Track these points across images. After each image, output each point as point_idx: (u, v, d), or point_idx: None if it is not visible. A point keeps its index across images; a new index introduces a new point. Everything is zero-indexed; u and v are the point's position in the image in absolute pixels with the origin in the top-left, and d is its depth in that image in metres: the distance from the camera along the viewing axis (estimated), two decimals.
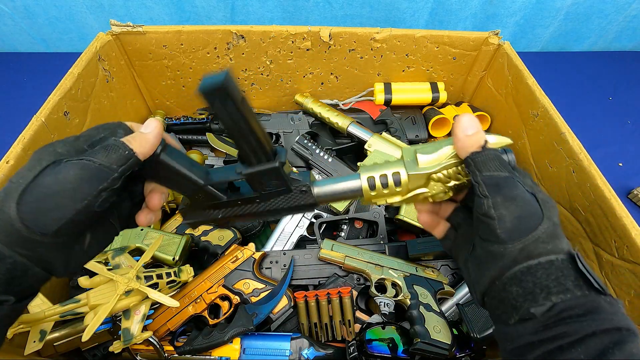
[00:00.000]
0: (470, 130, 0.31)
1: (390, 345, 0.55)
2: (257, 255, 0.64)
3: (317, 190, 0.34)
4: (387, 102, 0.83)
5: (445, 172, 0.33)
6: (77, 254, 0.29)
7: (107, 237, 0.32)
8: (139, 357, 0.55)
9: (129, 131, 0.31)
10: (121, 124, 0.31)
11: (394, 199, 0.34)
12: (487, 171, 0.30)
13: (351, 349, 0.55)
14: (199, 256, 0.68)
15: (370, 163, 0.72)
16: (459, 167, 0.33)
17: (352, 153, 0.84)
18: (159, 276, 0.56)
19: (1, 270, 0.25)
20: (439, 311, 0.57)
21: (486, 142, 0.32)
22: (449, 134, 0.84)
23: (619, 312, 0.26)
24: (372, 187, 0.33)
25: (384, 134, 0.77)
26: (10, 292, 0.26)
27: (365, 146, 0.75)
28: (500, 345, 0.30)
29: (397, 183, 0.33)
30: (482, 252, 0.31)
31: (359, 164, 0.72)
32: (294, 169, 0.76)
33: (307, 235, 0.72)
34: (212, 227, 0.67)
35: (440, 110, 0.83)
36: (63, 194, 0.25)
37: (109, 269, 0.50)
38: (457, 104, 0.86)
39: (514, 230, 0.28)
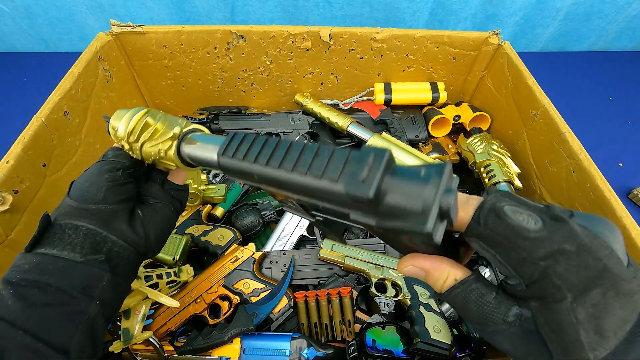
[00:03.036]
0: (420, 277, 0.26)
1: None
2: (257, 255, 0.64)
3: None
4: (387, 102, 0.83)
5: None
6: (140, 226, 0.36)
7: (162, 213, 0.38)
8: (139, 357, 0.55)
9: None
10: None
11: None
12: (460, 314, 0.26)
13: (351, 349, 0.55)
14: (199, 256, 0.68)
15: None
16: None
17: None
18: (159, 276, 0.56)
19: (80, 236, 0.32)
20: (439, 311, 0.57)
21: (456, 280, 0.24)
22: (449, 134, 0.84)
23: None
24: None
25: (384, 134, 0.77)
26: (99, 253, 0.32)
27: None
28: None
29: None
30: None
31: None
32: None
33: (307, 235, 0.72)
34: (212, 227, 0.67)
35: (440, 110, 0.83)
36: (92, 176, 0.34)
37: None
38: (457, 104, 0.86)
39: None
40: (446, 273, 0.24)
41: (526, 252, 0.20)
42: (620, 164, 0.98)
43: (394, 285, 0.61)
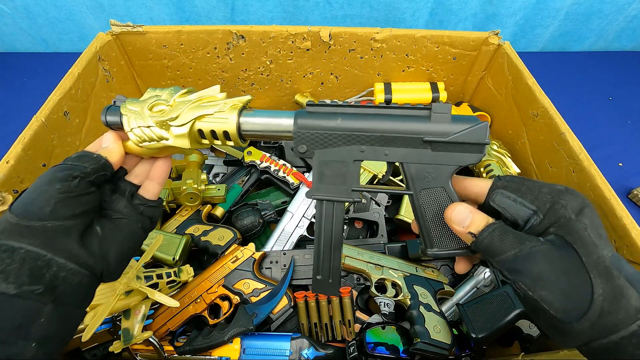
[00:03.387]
0: (465, 223, 0.30)
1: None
2: (257, 255, 0.63)
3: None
4: (387, 102, 0.83)
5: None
6: (96, 245, 0.31)
7: (126, 230, 0.34)
8: (139, 357, 0.55)
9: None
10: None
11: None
12: (497, 255, 0.28)
13: (351, 349, 0.55)
14: (199, 256, 0.68)
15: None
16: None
17: None
18: (159, 276, 0.56)
19: (16, 261, 0.26)
20: (439, 311, 0.57)
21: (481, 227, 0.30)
22: None
23: None
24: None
25: None
26: (38, 282, 0.27)
27: None
28: None
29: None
30: (548, 324, 0.28)
31: None
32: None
33: (307, 235, 0.72)
34: (212, 227, 0.67)
35: None
36: (42, 186, 0.29)
37: None
38: (457, 104, 0.86)
39: (567, 309, 0.26)
40: (486, 217, 0.30)
41: (537, 189, 0.30)
42: (620, 164, 0.98)
43: (394, 285, 0.61)
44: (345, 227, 0.70)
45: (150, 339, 0.53)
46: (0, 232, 0.27)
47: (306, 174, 0.76)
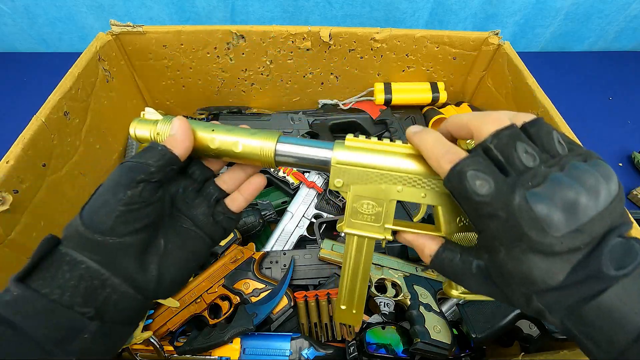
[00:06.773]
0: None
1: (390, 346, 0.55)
2: (257, 255, 0.64)
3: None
4: (387, 102, 0.83)
5: None
6: (155, 263, 0.29)
7: (191, 246, 0.32)
8: (139, 357, 0.55)
9: None
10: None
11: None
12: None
13: (351, 349, 0.55)
14: None
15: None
16: None
17: None
18: None
19: (75, 277, 0.25)
20: (439, 311, 0.57)
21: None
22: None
23: None
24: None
25: (347, 138, 0.77)
26: (91, 304, 0.26)
27: None
28: None
29: None
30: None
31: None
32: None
33: (307, 235, 0.72)
34: None
35: (440, 110, 0.83)
36: (107, 192, 0.27)
37: None
38: (457, 104, 0.86)
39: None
40: (422, 246, 0.32)
41: (473, 210, 0.25)
42: (620, 164, 0.98)
43: (394, 285, 0.61)
44: None
45: (150, 339, 0.53)
46: (70, 238, 0.27)
47: (306, 174, 0.76)
